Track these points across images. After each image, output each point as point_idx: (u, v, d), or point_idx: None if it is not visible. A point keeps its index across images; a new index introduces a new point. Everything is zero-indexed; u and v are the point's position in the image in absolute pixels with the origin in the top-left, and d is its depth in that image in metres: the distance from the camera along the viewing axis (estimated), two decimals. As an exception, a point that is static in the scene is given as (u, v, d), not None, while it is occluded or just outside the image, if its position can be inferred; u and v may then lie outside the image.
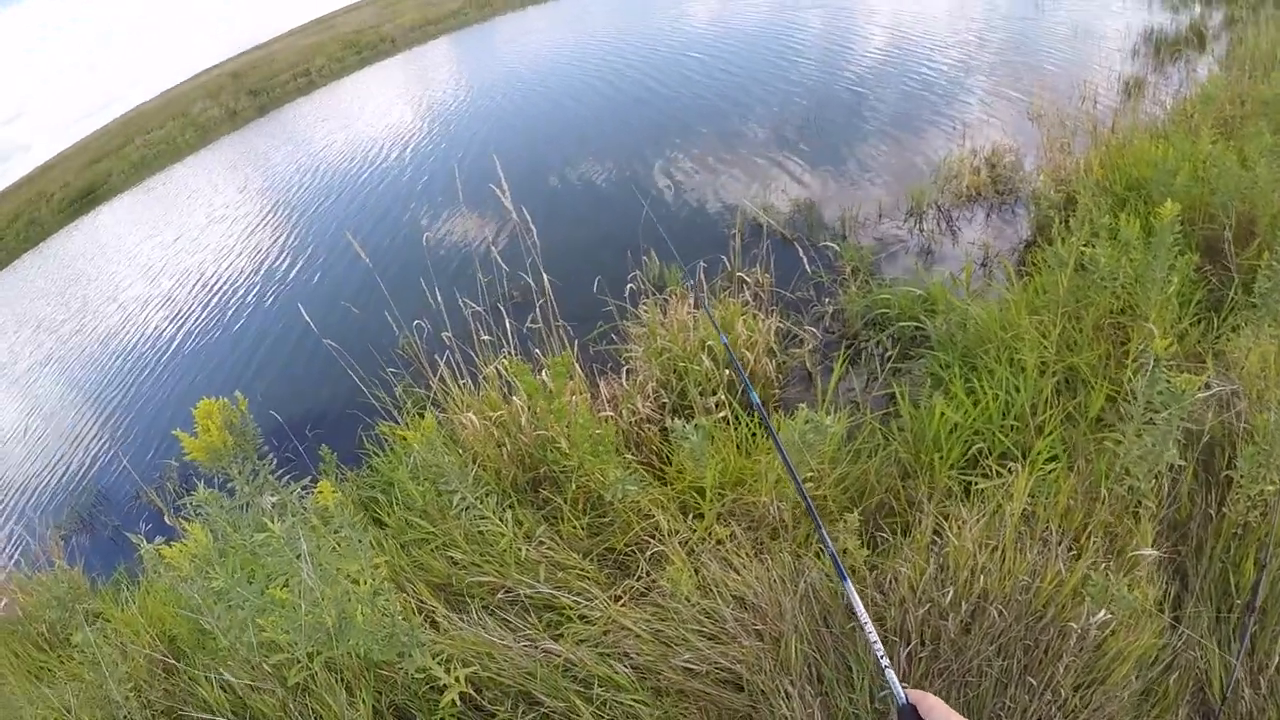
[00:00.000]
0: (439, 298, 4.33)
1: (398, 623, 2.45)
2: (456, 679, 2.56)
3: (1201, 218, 4.53)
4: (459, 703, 2.59)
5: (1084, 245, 3.77)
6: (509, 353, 4.18)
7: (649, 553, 3.07)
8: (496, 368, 4.15)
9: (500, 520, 3.06)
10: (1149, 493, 2.76)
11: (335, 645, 2.35)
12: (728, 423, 3.78)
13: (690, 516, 3.26)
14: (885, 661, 1.39)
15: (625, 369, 4.58)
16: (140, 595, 4.01)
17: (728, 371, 4.29)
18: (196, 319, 10.16)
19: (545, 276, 4.19)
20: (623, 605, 2.86)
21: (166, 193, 20.79)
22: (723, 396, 4.03)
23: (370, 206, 12.01)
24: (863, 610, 1.57)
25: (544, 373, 3.71)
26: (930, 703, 1.26)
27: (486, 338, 4.28)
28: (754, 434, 3.66)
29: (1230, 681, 2.35)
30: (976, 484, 3.02)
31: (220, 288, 10.91)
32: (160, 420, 7.92)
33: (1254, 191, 4.35)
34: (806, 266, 5.50)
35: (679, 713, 2.52)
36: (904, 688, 1.32)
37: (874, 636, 1.50)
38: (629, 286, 5.15)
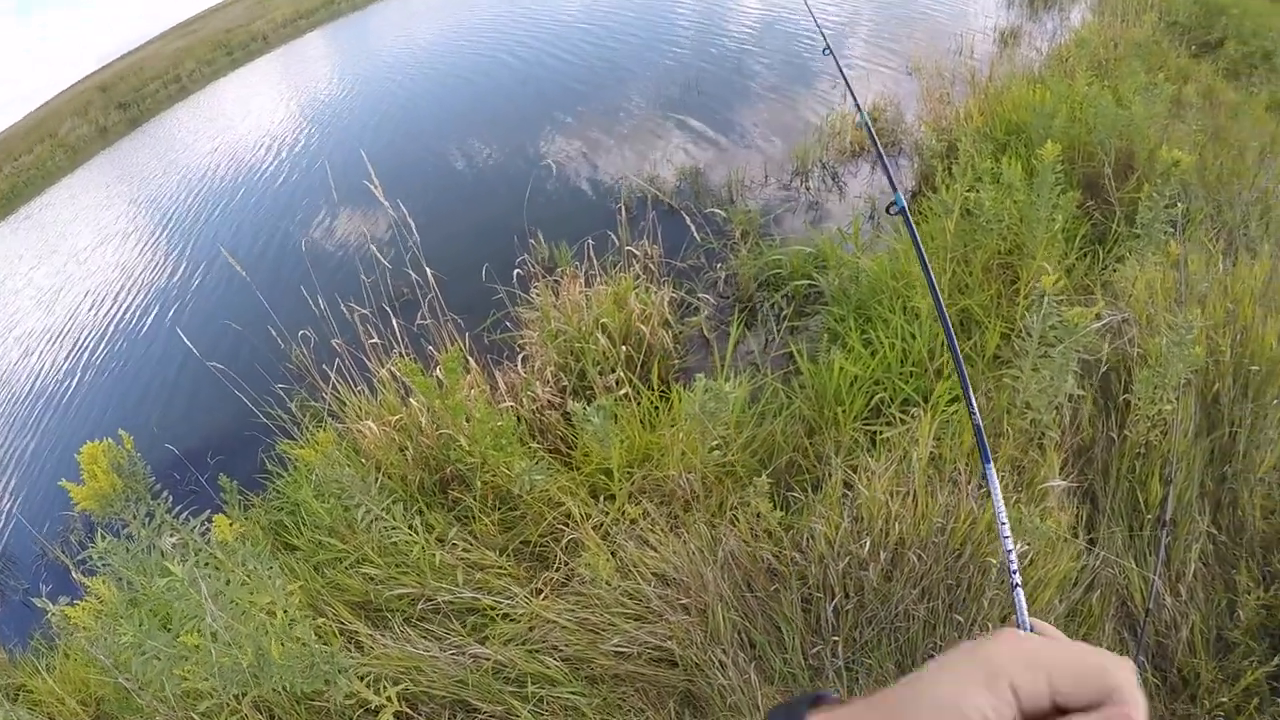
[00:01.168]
0: (323, 304, 4.15)
1: (316, 651, 2.33)
2: (388, 699, 2.49)
3: (1081, 156, 4.72)
4: (394, 722, 2.50)
5: (968, 190, 3.85)
6: (400, 353, 4.02)
7: (564, 541, 3.01)
8: (390, 370, 4.00)
9: (410, 528, 2.94)
10: (1051, 424, 2.84)
11: (257, 685, 2.22)
12: (629, 399, 3.73)
13: (601, 499, 3.21)
14: (1018, 579, 1.10)
15: (521, 356, 4.47)
16: (59, 660, 3.72)
17: (624, 347, 4.24)
18: (85, 357, 9.41)
19: (429, 270, 4.04)
20: (545, 598, 2.80)
21: (43, 220, 19.33)
22: (621, 374, 3.98)
23: (248, 216, 11.28)
24: (1002, 506, 1.22)
25: (438, 370, 3.58)
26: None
27: (376, 340, 4.11)
28: (656, 408, 3.62)
29: (1151, 593, 2.45)
30: (882, 433, 3.05)
31: (104, 320, 10.11)
32: (56, 468, 7.36)
33: (1130, 128, 4.55)
34: (695, 234, 5.43)
35: (617, 698, 2.50)
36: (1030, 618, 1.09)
37: (1010, 544, 1.17)
38: (517, 271, 5.04)
